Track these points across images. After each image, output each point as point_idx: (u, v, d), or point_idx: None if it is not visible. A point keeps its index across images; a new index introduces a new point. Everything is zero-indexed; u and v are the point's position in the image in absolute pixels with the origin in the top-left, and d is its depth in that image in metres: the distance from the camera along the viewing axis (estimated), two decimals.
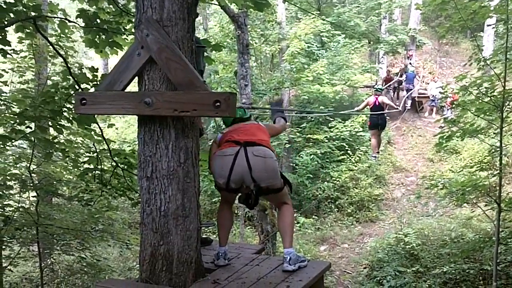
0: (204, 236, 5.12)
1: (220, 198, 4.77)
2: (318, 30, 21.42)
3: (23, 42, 8.11)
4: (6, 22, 5.79)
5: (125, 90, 3.69)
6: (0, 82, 8.17)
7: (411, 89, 24.04)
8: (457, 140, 11.71)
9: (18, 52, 8.67)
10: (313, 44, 21.90)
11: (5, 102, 7.52)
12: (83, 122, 6.54)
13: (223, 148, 4.34)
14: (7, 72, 8.47)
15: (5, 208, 8.40)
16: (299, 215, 16.83)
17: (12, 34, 7.42)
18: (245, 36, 13.02)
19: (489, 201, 9.92)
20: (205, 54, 4.35)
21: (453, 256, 11.73)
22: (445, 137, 9.78)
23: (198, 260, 3.87)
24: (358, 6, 26.41)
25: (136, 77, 3.70)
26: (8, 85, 8.47)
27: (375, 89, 16.34)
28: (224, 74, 19.00)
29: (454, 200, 11.52)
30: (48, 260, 11.91)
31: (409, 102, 24.08)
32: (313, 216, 17.35)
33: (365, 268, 13.27)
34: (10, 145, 8.21)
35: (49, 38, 8.01)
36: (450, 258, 11.79)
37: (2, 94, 7.59)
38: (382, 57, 27.35)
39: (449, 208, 15.39)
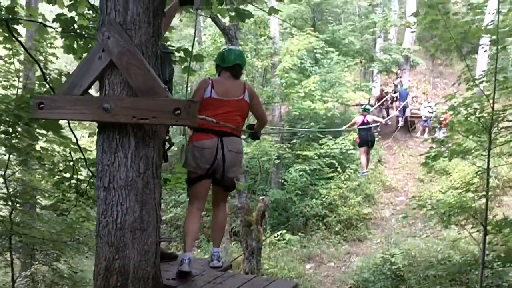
0: (169, 251, 4.91)
1: (189, 200, 4.80)
2: (311, 47, 21.33)
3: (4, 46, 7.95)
4: None
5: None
6: None
7: (404, 107, 23.93)
8: (444, 161, 11.56)
9: (2, 57, 8.53)
10: (306, 61, 21.80)
11: None
12: (49, 127, 6.32)
13: (201, 139, 4.56)
14: None
15: None
16: (285, 231, 16.64)
17: None
18: None
19: (476, 223, 9.77)
20: (173, 60, 4.15)
21: (439, 278, 11.62)
22: (431, 157, 9.65)
23: (156, 277, 3.64)
24: (353, 24, 26.32)
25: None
26: None
27: (362, 109, 16.46)
28: None
29: (442, 221, 11.38)
30: (28, 271, 11.69)
31: (401, 120, 23.94)
32: (300, 233, 17.17)
33: (350, 287, 13.09)
34: None
35: (31, 44, 7.90)
36: (436, 280, 11.68)
37: None
38: (375, 75, 27.26)
39: (436, 229, 15.22)
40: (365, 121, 15.39)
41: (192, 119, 3.14)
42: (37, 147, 7.96)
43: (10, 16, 5.67)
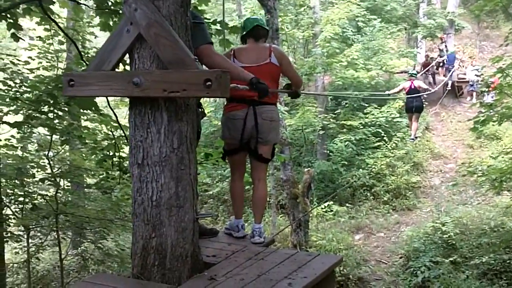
0: (209, 227, 4.82)
1: (230, 170, 5.04)
2: (353, 15, 20.94)
3: (42, 26, 7.92)
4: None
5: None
6: (26, 69, 8.07)
7: (452, 70, 23.41)
8: (493, 125, 11.21)
9: (43, 39, 8.52)
10: (348, 29, 21.42)
11: (24, 89, 7.36)
12: (85, 106, 6.25)
13: (232, 110, 4.64)
14: (34, 60, 8.32)
15: (31, 195, 8.39)
16: (332, 203, 16.47)
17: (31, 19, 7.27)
18: (274, 20, 12.74)
19: None
20: (207, 30, 3.98)
21: (493, 246, 11.34)
22: (480, 121, 9.35)
23: (195, 254, 3.54)
24: None
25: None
26: (34, 72, 8.29)
27: (409, 74, 16.41)
28: None
29: (493, 188, 11.09)
30: (78, 249, 11.87)
31: (450, 82, 23.38)
32: (348, 204, 16.97)
33: (400, 258, 12.93)
34: (30, 132, 8.15)
35: (68, 23, 7.85)
36: (489, 248, 11.40)
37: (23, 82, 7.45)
38: (420, 41, 26.67)
39: (488, 196, 14.85)
40: (412, 87, 15.31)
41: (224, 90, 3.00)
42: (82, 126, 8.00)
43: None
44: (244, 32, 4.91)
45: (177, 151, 3.33)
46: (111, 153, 7.60)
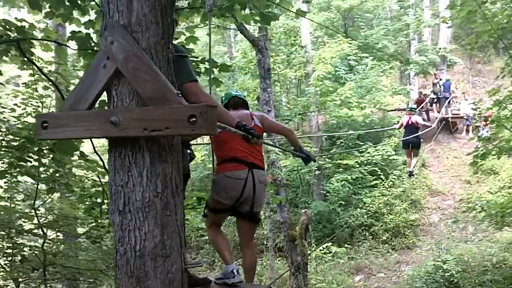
0: (201, 276, 4.54)
1: (207, 224, 5.01)
2: (345, 54, 21.01)
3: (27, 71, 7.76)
4: None
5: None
6: (12, 116, 7.89)
7: (448, 98, 23.48)
8: (492, 159, 11.03)
9: (28, 84, 8.35)
10: (340, 68, 21.47)
11: (11, 137, 7.14)
12: (63, 150, 6.00)
13: (234, 169, 4.67)
14: (19, 106, 8.12)
15: (19, 247, 8.14)
16: (331, 244, 16.19)
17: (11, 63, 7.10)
18: (266, 60, 12.70)
19: None
20: (190, 65, 3.79)
21: (496, 283, 11.11)
22: (479, 155, 9.16)
23: None
24: (386, 28, 25.85)
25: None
26: (20, 119, 8.09)
27: (409, 109, 16.45)
28: (249, 101, 18.62)
29: (494, 223, 10.87)
30: None
31: (448, 110, 23.39)
32: (346, 245, 16.75)
33: None
34: (16, 181, 7.94)
35: (51, 66, 7.68)
36: (492, 285, 11.17)
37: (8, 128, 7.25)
38: (413, 78, 26.73)
39: (489, 232, 14.61)
40: (410, 122, 15.23)
41: (210, 126, 2.74)
42: (68, 173, 7.78)
43: (20, 37, 5.40)
44: (224, 102, 5.22)
45: (162, 195, 3.05)
46: (100, 200, 7.34)
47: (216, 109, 2.84)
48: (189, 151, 4.11)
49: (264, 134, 5.60)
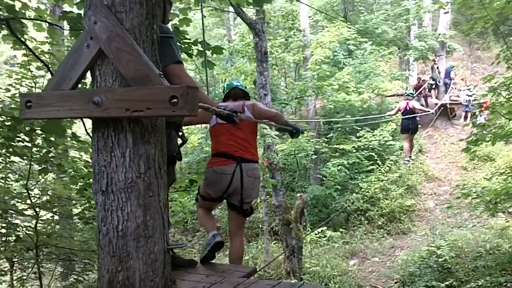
0: (187, 258, 4.56)
1: (197, 205, 5.33)
2: (344, 38, 20.91)
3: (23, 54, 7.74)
4: None
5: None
6: (7, 97, 7.89)
7: (448, 84, 23.57)
8: (487, 147, 11.05)
9: (22, 64, 8.33)
10: (339, 52, 21.40)
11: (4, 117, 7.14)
12: (51, 130, 6.00)
13: (220, 164, 4.93)
14: (13, 86, 8.11)
15: (12, 228, 8.17)
16: (326, 228, 16.22)
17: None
18: (263, 43, 12.65)
19: None
20: (176, 45, 3.79)
21: (489, 268, 11.10)
22: (472, 141, 9.18)
23: None
24: (385, 13, 25.71)
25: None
26: (15, 99, 8.09)
27: (406, 94, 16.67)
28: (246, 84, 18.58)
29: (488, 210, 10.90)
30: (68, 280, 11.57)
31: (447, 96, 23.38)
32: (342, 229, 16.75)
33: (396, 282, 12.70)
34: (11, 161, 7.96)
35: (44, 46, 7.66)
36: (485, 271, 11.16)
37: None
38: (412, 64, 26.60)
39: (483, 218, 14.65)
40: (408, 108, 15.44)
41: (191, 107, 2.73)
42: (61, 154, 7.79)
43: (10, 16, 5.38)
44: (225, 92, 5.46)
45: (144, 176, 3.07)
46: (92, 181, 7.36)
47: (197, 90, 2.84)
48: (180, 133, 4.12)
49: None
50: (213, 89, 21.59)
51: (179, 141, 4.18)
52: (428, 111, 18.72)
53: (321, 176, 18.95)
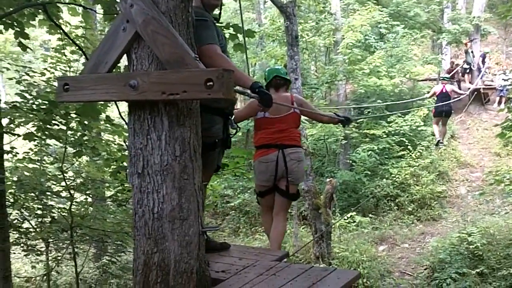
0: (220, 241, 4.57)
1: (261, 208, 5.75)
2: (375, 21, 20.64)
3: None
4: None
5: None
6: (42, 80, 7.97)
7: (484, 67, 23.21)
8: None
9: (57, 49, 8.39)
10: (370, 36, 21.16)
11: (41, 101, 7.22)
12: (86, 113, 6.05)
13: (264, 154, 5.27)
14: (49, 71, 8.19)
15: (49, 209, 8.33)
16: (355, 213, 16.14)
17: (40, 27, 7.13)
18: (293, 27, 12.52)
19: None
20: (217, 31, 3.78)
21: None
22: (508, 127, 9.03)
23: (201, 270, 3.26)
24: None
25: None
26: (50, 83, 8.18)
27: (441, 78, 16.58)
28: None
29: None
30: (100, 261, 11.74)
31: (480, 82, 23.01)
32: (371, 215, 16.65)
33: (425, 269, 12.59)
34: (46, 145, 8.08)
35: (78, 31, 7.71)
36: None
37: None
38: (445, 47, 26.16)
39: None
40: (444, 91, 15.16)
41: (226, 90, 2.71)
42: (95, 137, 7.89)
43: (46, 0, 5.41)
44: (266, 82, 5.47)
45: (180, 159, 3.08)
46: (126, 164, 7.42)
47: (232, 73, 2.81)
48: (233, 122, 4.20)
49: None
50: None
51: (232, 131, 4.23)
52: (465, 94, 18.47)
53: (350, 162, 18.84)
